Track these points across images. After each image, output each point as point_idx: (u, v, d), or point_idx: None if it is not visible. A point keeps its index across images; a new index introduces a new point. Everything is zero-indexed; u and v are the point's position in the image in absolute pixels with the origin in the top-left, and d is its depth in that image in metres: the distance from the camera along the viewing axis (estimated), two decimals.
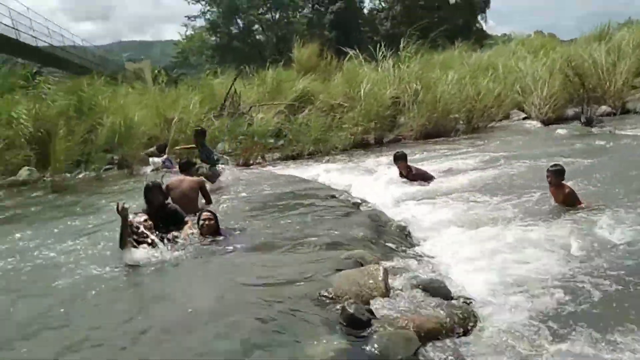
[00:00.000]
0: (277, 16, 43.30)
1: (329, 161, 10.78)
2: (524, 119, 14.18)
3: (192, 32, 40.60)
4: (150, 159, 11.37)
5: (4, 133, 11.01)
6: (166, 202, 5.42)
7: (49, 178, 10.30)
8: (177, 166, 10.81)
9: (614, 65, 13.46)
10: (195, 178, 6.35)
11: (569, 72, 13.18)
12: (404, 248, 4.49)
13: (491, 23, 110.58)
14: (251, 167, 10.99)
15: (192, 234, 4.57)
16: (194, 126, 11.56)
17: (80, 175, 10.81)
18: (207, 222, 4.59)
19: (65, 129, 10.70)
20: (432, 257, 4.35)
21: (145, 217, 4.45)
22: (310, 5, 44.29)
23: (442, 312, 3.00)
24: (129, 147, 11.18)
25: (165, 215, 4.87)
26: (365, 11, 44.73)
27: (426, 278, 3.48)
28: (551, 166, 5.58)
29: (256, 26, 43.40)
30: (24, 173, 10.36)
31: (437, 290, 3.36)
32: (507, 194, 6.27)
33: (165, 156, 10.91)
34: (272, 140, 12.38)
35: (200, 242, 4.47)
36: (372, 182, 7.93)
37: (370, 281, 3.25)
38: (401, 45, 14.93)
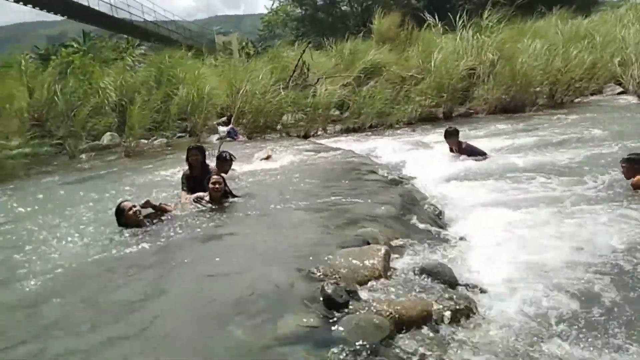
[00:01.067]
0: None
1: (390, 135, 10.48)
2: (620, 93, 12.65)
3: (279, 4, 40.92)
4: (219, 128, 11.88)
5: (93, 101, 12.04)
6: (207, 164, 5.67)
7: (125, 143, 11.15)
8: (241, 136, 11.28)
9: None
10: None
11: None
12: (429, 228, 4.26)
13: None
14: (310, 138, 11.03)
15: (202, 198, 4.69)
16: (260, 97, 11.81)
17: (156, 142, 11.60)
18: (216, 186, 4.67)
19: (142, 98, 11.43)
20: (458, 240, 4.08)
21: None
22: None
23: (434, 299, 2.82)
24: (199, 116, 11.70)
25: (204, 176, 5.10)
26: None
27: (433, 262, 3.28)
28: (626, 156, 4.96)
29: None
30: (106, 138, 11.33)
31: (441, 275, 3.15)
32: (569, 178, 5.67)
33: (230, 126, 11.32)
34: (336, 112, 12.29)
35: (208, 208, 4.59)
36: (426, 158, 7.59)
37: (369, 262, 3.13)
38: (486, 13, 13.88)
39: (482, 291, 3.13)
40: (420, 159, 7.60)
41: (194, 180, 5.41)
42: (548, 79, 12.04)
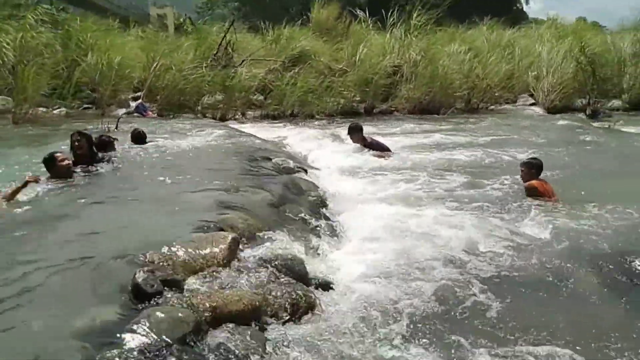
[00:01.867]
0: None
1: (307, 125, 10.26)
2: (531, 104, 13.29)
3: None
4: (130, 103, 11.10)
5: None
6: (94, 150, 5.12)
7: (22, 110, 10.07)
8: (150, 112, 10.59)
9: (636, 57, 12.34)
10: None
11: (581, 59, 12.13)
12: (306, 219, 4.03)
13: (538, 6, 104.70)
14: (227, 122, 10.57)
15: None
16: (176, 73, 11.16)
17: (56, 111, 10.60)
18: (77, 144, 4.31)
19: (41, 60, 10.36)
20: (330, 233, 3.90)
21: None
22: None
23: (272, 293, 2.58)
24: (107, 87, 10.83)
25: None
26: None
27: (285, 254, 3.03)
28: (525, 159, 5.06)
29: None
30: None
31: (291, 269, 2.92)
32: (467, 179, 5.68)
33: (139, 101, 10.59)
34: (259, 98, 11.90)
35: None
36: (332, 150, 7.43)
37: (210, 250, 2.83)
38: (414, 14, 14.00)
39: (331, 288, 2.94)
40: (327, 150, 7.44)
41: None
42: (467, 84, 12.37)
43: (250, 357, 2.14)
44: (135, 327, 2.03)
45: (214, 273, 2.68)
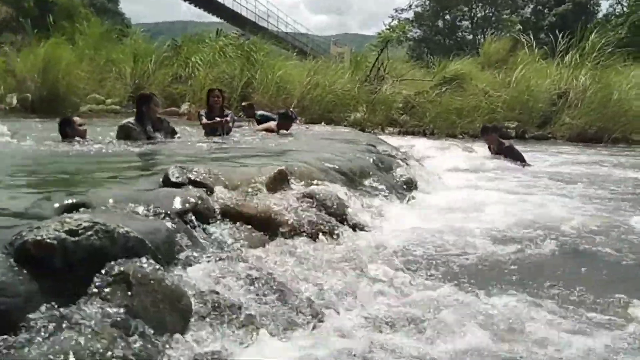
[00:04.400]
0: (489, 13, 40.83)
1: (445, 141, 9.90)
2: None
3: (398, 22, 41.30)
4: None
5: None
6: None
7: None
8: (298, 120, 11.43)
9: None
10: None
11: None
12: (378, 186, 3.92)
13: None
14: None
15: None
16: (326, 88, 11.92)
17: None
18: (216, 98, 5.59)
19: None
20: (401, 199, 3.72)
21: None
22: (531, 6, 40.53)
23: (288, 210, 2.61)
24: (266, 97, 12.18)
25: None
26: (600, 15, 38.70)
27: (327, 193, 3.01)
28: None
29: (465, 23, 41.68)
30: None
31: (324, 204, 2.90)
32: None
33: (291, 109, 11.56)
34: (399, 116, 11.94)
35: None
36: (454, 155, 7.06)
37: (254, 175, 2.99)
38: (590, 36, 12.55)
39: (361, 229, 2.82)
40: (449, 155, 7.09)
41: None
42: None
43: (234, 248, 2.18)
44: (144, 196, 2.26)
45: (247, 190, 2.82)
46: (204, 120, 6.00)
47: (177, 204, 2.24)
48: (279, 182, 3.04)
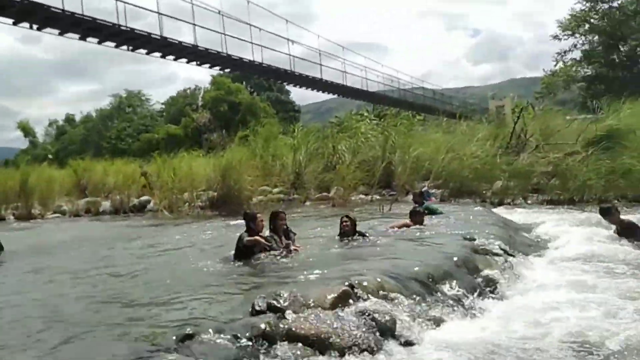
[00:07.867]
0: None
1: (589, 210, 9.21)
2: None
3: (562, 66, 38.44)
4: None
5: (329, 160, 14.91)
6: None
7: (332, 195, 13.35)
8: (434, 198, 11.89)
9: None
10: None
11: None
12: (450, 293, 4.36)
13: None
14: (504, 206, 10.70)
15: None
16: (464, 161, 12.20)
17: (362, 196, 13.39)
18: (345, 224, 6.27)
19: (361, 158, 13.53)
20: (467, 309, 4.10)
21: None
22: None
23: (341, 330, 3.35)
24: (403, 178, 12.97)
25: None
26: None
27: (380, 310, 3.65)
28: None
29: None
30: (332, 191, 13.87)
31: (376, 321, 3.54)
32: None
33: (425, 188, 12.11)
34: (547, 177, 11.41)
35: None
36: (579, 235, 6.74)
37: (323, 295, 3.82)
38: None
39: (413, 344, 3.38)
40: (574, 237, 6.78)
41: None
42: None
43: None
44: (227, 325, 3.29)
45: (313, 310, 3.66)
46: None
47: (252, 331, 3.21)
48: (342, 300, 3.82)
